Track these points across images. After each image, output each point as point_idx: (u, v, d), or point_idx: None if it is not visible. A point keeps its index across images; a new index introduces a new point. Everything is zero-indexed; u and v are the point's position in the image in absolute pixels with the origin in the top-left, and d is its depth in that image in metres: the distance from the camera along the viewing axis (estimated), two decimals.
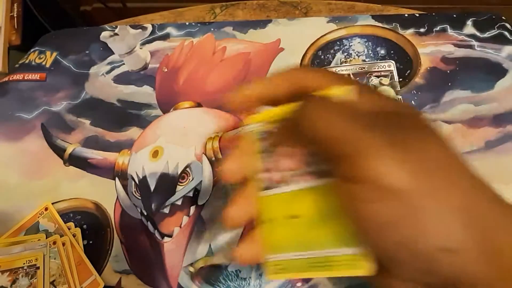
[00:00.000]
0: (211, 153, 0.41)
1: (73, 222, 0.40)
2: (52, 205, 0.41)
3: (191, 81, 0.47)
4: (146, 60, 0.50)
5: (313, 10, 0.51)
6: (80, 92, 0.48)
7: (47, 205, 0.41)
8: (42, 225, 0.40)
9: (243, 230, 0.38)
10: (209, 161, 0.41)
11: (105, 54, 0.50)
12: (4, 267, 0.37)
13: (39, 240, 0.39)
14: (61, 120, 0.47)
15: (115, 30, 0.52)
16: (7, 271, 0.37)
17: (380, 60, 0.46)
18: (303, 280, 0.36)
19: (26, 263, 0.37)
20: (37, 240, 0.39)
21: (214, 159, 0.41)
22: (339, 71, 0.46)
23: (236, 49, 0.49)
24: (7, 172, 0.44)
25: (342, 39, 0.48)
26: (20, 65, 0.51)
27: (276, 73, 0.24)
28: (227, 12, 0.53)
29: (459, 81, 0.43)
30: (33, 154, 0.45)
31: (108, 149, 0.44)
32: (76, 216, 0.40)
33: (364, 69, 0.45)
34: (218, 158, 0.41)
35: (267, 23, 0.50)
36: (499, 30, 0.46)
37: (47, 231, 0.40)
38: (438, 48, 0.46)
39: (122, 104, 0.47)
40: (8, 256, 0.37)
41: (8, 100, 0.48)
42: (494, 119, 0.41)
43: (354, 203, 0.18)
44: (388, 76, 0.44)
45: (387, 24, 0.48)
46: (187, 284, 0.37)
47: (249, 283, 0.36)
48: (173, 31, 0.51)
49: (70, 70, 0.50)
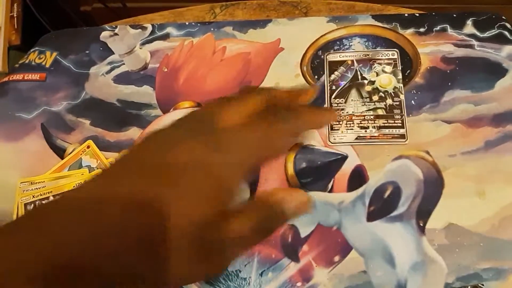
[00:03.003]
0: None
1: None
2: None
3: (191, 81, 0.47)
4: (146, 60, 0.50)
5: (313, 10, 0.51)
6: (80, 92, 0.48)
7: (89, 143, 0.44)
8: (85, 161, 0.43)
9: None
10: None
11: (105, 54, 0.50)
12: (55, 192, 0.42)
13: (83, 175, 0.42)
14: (61, 120, 0.47)
15: (115, 30, 0.52)
16: (59, 195, 0.40)
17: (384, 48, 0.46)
18: (303, 279, 0.36)
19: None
20: (80, 175, 0.42)
21: None
22: (343, 56, 0.46)
23: (236, 49, 0.49)
24: (7, 172, 0.44)
25: (342, 39, 0.48)
26: (20, 65, 0.51)
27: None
28: (227, 12, 0.53)
29: (459, 81, 0.43)
30: (33, 154, 0.45)
31: (108, 149, 0.44)
32: None
33: (368, 56, 0.46)
34: None
35: (267, 23, 0.50)
36: (499, 30, 0.46)
37: (90, 166, 0.43)
38: (438, 47, 0.46)
39: (122, 104, 0.47)
40: (57, 184, 0.42)
41: (8, 100, 0.48)
42: (494, 119, 0.41)
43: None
44: (391, 64, 0.44)
45: (387, 23, 0.48)
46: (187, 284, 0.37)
47: (249, 283, 0.36)
48: (173, 31, 0.51)
49: (70, 70, 0.50)
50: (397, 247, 0.36)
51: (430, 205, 0.38)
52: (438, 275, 0.35)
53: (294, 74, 0.46)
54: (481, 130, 0.41)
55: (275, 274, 0.37)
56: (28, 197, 0.41)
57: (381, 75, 0.44)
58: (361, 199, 0.39)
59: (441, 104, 0.43)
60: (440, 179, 0.39)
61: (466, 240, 0.36)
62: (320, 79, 0.46)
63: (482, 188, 0.38)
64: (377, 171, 0.40)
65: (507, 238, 0.36)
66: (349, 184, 0.40)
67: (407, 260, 0.36)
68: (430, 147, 0.40)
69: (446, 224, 0.37)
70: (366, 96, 0.44)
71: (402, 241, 0.36)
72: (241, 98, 0.24)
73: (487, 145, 0.40)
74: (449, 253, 0.36)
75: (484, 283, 0.34)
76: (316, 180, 0.40)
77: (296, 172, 0.40)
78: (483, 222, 0.37)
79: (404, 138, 0.41)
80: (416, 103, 0.43)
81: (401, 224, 0.37)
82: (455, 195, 0.38)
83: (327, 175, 0.40)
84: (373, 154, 0.41)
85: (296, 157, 0.40)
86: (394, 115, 0.42)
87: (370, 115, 0.43)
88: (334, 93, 0.44)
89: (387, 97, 0.43)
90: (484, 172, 0.39)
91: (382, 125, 0.42)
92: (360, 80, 0.45)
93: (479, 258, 0.36)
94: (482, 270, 0.35)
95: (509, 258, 0.35)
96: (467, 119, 0.42)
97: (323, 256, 0.37)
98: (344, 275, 0.36)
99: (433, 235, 0.37)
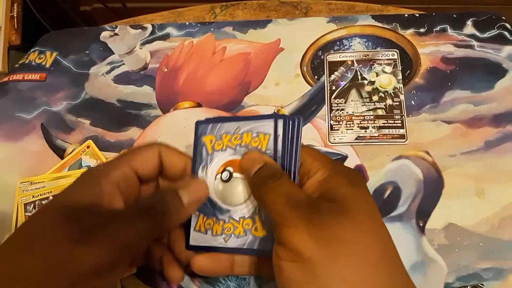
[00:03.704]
0: None
1: None
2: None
3: (191, 81, 0.47)
4: (146, 60, 0.50)
5: (313, 10, 0.51)
6: (80, 92, 0.48)
7: (89, 143, 0.44)
8: (85, 161, 0.43)
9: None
10: None
11: (105, 54, 0.51)
12: (54, 192, 0.41)
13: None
14: (61, 120, 0.47)
15: (115, 30, 0.52)
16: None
17: (384, 48, 0.46)
18: None
19: None
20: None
21: None
22: (343, 56, 0.46)
23: (236, 49, 0.49)
24: (7, 172, 0.44)
25: (342, 39, 0.48)
26: (20, 65, 0.51)
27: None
28: (227, 12, 0.53)
29: (459, 81, 0.43)
30: (33, 154, 0.45)
31: (108, 149, 0.44)
32: None
33: (367, 56, 0.46)
34: None
35: (267, 23, 0.50)
36: (499, 30, 0.46)
37: (89, 166, 0.43)
38: (438, 48, 0.46)
39: (122, 104, 0.47)
40: (57, 184, 0.42)
41: (8, 100, 0.48)
42: (494, 119, 0.41)
43: (276, 259, 0.24)
44: (391, 64, 0.44)
45: (387, 24, 0.48)
46: (187, 284, 0.37)
47: (249, 283, 0.36)
48: (173, 31, 0.51)
49: (70, 70, 0.50)
50: (397, 247, 0.36)
51: (430, 205, 0.38)
52: (438, 275, 0.35)
53: (294, 74, 0.46)
54: (481, 130, 0.41)
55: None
56: (28, 197, 0.41)
57: (381, 76, 0.44)
58: None
59: (441, 104, 0.43)
60: (440, 179, 0.39)
61: (466, 240, 0.36)
62: (320, 79, 0.46)
63: (481, 188, 0.38)
64: (377, 171, 0.40)
65: (507, 238, 0.36)
66: None
67: (407, 260, 0.36)
68: (430, 147, 0.40)
69: (446, 224, 0.37)
70: (366, 96, 0.44)
71: (402, 241, 0.36)
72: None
73: (487, 145, 0.40)
74: (449, 253, 0.36)
75: (484, 283, 0.35)
76: None
77: None
78: (483, 222, 0.37)
79: (404, 138, 0.41)
80: (416, 103, 0.43)
81: (401, 224, 0.37)
82: (455, 195, 0.38)
83: None
84: (373, 154, 0.41)
85: None
86: (394, 115, 0.42)
87: (370, 115, 0.43)
88: (334, 93, 0.44)
89: (387, 97, 0.43)
90: (484, 172, 0.39)
91: (382, 125, 0.42)
92: (360, 80, 0.45)
93: (479, 258, 0.36)
94: (482, 270, 0.35)
95: (509, 258, 0.35)
96: (467, 119, 0.42)
97: None
98: None
99: (433, 235, 0.37)
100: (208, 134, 0.32)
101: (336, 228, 0.23)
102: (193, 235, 0.31)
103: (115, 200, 0.28)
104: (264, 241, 0.28)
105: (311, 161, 0.28)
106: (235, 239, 0.29)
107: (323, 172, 0.27)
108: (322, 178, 0.26)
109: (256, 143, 0.30)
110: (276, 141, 0.29)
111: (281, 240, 0.24)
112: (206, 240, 0.30)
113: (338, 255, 0.22)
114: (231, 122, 0.31)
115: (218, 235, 0.30)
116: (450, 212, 0.37)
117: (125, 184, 0.29)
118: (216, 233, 0.30)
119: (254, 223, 0.29)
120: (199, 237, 0.30)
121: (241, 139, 0.30)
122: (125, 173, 0.29)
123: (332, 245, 0.22)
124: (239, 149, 0.30)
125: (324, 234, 0.22)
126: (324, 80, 0.45)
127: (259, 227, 0.29)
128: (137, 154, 0.30)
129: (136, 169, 0.30)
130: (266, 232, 0.28)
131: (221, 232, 0.30)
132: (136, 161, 0.30)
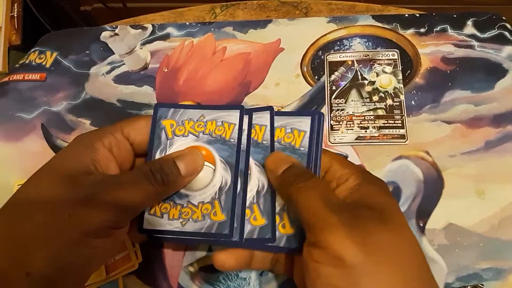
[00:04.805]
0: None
1: None
2: None
3: (191, 81, 0.47)
4: (146, 60, 0.50)
5: (313, 10, 0.51)
6: (80, 92, 0.48)
7: None
8: None
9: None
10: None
11: (105, 54, 0.50)
12: None
13: None
14: (61, 120, 0.47)
15: (115, 30, 0.52)
16: None
17: (385, 49, 0.46)
18: None
19: None
20: None
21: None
22: (343, 56, 0.46)
23: (236, 49, 0.49)
24: (7, 172, 0.44)
25: (342, 39, 0.48)
26: (20, 65, 0.51)
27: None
28: (227, 12, 0.53)
29: (459, 81, 0.44)
30: (33, 154, 0.45)
31: None
32: None
33: (368, 56, 0.46)
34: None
35: (267, 23, 0.50)
36: (499, 30, 0.46)
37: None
38: (438, 48, 0.46)
39: (122, 104, 0.47)
40: None
41: (8, 100, 0.48)
42: (494, 119, 0.41)
43: (311, 262, 0.23)
44: (392, 64, 0.44)
45: (387, 24, 0.48)
46: (187, 284, 0.37)
47: (249, 283, 0.36)
48: (173, 31, 0.51)
49: (70, 70, 0.50)
50: None
51: (430, 205, 0.38)
52: (438, 275, 0.35)
53: (294, 75, 0.46)
54: (481, 130, 0.41)
55: (275, 274, 0.37)
56: None
57: (381, 76, 0.44)
58: None
59: (441, 104, 0.43)
60: (440, 179, 0.39)
61: (466, 240, 0.36)
62: (320, 79, 0.46)
63: (482, 188, 0.38)
64: (377, 171, 0.40)
65: (507, 238, 0.36)
66: None
67: None
68: (430, 147, 0.40)
69: (446, 224, 0.37)
70: (366, 96, 0.44)
71: None
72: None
73: (487, 145, 0.40)
74: (449, 253, 0.36)
75: (484, 283, 0.35)
76: None
77: None
78: (483, 222, 0.37)
79: (404, 138, 0.41)
80: (416, 104, 0.43)
81: None
82: (455, 195, 0.38)
83: None
84: (373, 154, 0.41)
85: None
86: (394, 115, 0.42)
87: (370, 115, 0.43)
88: (334, 94, 0.44)
89: (387, 97, 0.43)
90: (484, 172, 0.39)
91: (382, 126, 0.42)
92: (360, 80, 0.45)
93: (479, 258, 0.36)
94: (482, 270, 0.35)
95: (509, 258, 0.35)
96: (467, 120, 0.42)
97: None
98: None
99: (433, 235, 0.37)
100: (168, 118, 0.32)
101: (380, 237, 0.22)
102: (148, 219, 0.31)
103: (110, 165, 0.29)
104: (222, 226, 0.29)
105: (339, 168, 0.28)
106: (192, 223, 0.29)
107: (354, 179, 0.27)
108: (354, 184, 0.26)
109: (220, 131, 0.31)
110: (240, 132, 0.31)
111: (319, 243, 0.23)
112: (161, 224, 0.30)
113: (382, 264, 0.22)
114: (194, 109, 0.32)
115: (175, 219, 0.30)
116: (450, 212, 0.37)
117: (118, 149, 0.30)
118: (173, 217, 0.30)
119: (213, 208, 0.29)
120: (154, 221, 0.30)
121: (205, 126, 0.31)
122: (117, 138, 0.30)
123: (377, 253, 0.22)
124: (202, 136, 0.31)
125: (368, 242, 0.22)
126: (324, 80, 0.45)
127: (218, 212, 0.29)
128: (129, 121, 0.31)
129: (128, 135, 0.30)
130: (224, 217, 0.29)
131: (179, 217, 0.30)
132: (129, 128, 0.30)
